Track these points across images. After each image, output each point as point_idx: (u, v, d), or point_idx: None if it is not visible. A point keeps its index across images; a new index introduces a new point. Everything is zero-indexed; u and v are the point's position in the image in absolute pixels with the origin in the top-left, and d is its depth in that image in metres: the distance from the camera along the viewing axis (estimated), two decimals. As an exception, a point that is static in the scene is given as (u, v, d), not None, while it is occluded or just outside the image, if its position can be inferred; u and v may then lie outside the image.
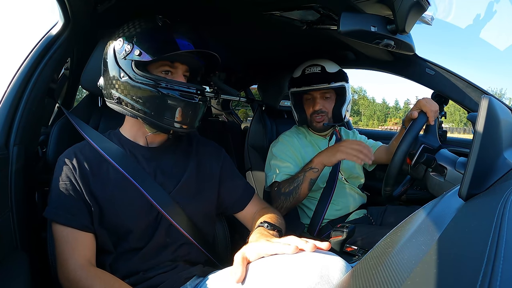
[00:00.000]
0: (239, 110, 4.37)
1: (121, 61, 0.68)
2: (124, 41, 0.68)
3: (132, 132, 0.75)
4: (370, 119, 75.18)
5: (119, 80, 0.68)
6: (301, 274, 0.45)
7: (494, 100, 0.48)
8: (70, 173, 0.67)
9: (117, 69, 0.68)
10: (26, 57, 0.78)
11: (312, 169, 1.04)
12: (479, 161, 0.42)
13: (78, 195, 0.66)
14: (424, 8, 0.72)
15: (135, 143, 0.75)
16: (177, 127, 0.69)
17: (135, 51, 0.66)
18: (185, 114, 0.68)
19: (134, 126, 0.74)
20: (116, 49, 0.69)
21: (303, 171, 1.05)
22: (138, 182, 0.68)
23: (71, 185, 0.66)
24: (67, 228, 0.64)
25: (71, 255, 0.62)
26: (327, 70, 1.15)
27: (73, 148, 0.71)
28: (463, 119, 62.34)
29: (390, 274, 0.27)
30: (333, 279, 0.45)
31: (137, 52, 0.66)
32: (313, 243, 0.50)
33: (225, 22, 1.00)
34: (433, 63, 1.17)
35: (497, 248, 0.25)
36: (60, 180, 0.66)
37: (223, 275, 0.60)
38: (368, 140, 1.34)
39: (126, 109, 0.70)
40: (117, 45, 0.69)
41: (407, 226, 0.40)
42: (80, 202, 0.66)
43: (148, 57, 0.66)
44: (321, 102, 1.16)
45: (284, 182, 1.07)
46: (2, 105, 0.73)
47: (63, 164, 0.68)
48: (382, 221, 1.16)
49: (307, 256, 0.48)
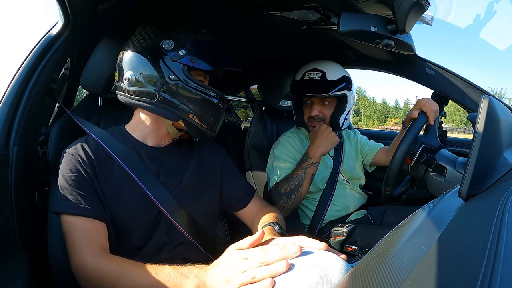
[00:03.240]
0: (239, 110, 4.37)
1: (169, 63, 0.69)
2: (175, 44, 0.69)
3: (143, 132, 0.75)
4: (370, 119, 75.20)
5: (167, 81, 0.69)
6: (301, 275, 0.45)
7: (494, 100, 0.48)
8: (79, 165, 0.66)
9: (165, 69, 0.69)
10: (26, 57, 0.78)
11: (314, 164, 1.05)
12: (479, 161, 0.42)
13: (89, 185, 0.65)
14: (424, 8, 0.72)
15: (142, 142, 0.75)
16: (209, 132, 0.74)
17: (190, 57, 0.69)
18: (217, 120, 0.75)
19: (151, 127, 0.74)
20: (165, 49, 0.69)
21: (303, 168, 1.05)
22: (141, 180, 0.69)
23: (81, 176, 0.65)
24: (81, 218, 0.62)
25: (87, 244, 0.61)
26: (327, 77, 1.11)
27: (77, 141, 0.71)
28: (463, 119, 62.38)
29: (390, 274, 0.27)
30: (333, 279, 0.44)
31: (193, 59, 0.69)
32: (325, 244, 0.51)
33: (225, 22, 1.00)
34: (433, 63, 1.17)
35: (497, 248, 0.25)
36: (69, 172, 0.65)
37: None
38: (369, 141, 1.33)
39: (165, 109, 0.70)
40: (166, 46, 0.69)
41: (407, 226, 0.40)
42: (91, 191, 0.65)
43: (204, 66, 0.71)
44: (319, 108, 1.14)
45: (283, 182, 1.06)
46: (2, 105, 0.73)
47: (70, 157, 0.67)
48: (382, 221, 1.16)
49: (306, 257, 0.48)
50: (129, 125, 0.77)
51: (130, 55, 0.71)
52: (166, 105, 0.69)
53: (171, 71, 0.69)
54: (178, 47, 0.69)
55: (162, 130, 0.75)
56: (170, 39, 0.70)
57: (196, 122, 0.71)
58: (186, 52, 0.69)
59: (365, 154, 1.29)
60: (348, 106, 1.16)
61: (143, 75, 0.70)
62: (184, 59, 0.69)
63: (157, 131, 0.75)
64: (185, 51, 0.69)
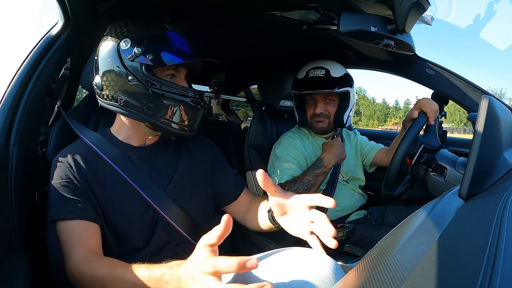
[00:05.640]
0: (239, 110, 4.37)
1: (128, 63, 0.66)
2: (131, 42, 0.66)
3: (126, 134, 0.75)
4: (370, 119, 75.20)
5: (127, 83, 0.66)
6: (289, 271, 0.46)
7: (494, 100, 0.48)
8: (68, 171, 0.66)
9: (123, 71, 0.66)
10: (26, 57, 0.78)
11: (325, 172, 1.06)
12: (479, 161, 0.42)
13: (79, 190, 0.65)
14: (424, 8, 0.72)
15: (127, 144, 0.74)
16: (182, 132, 0.71)
17: (147, 55, 0.65)
18: (191, 119, 0.71)
19: (131, 128, 0.74)
20: (122, 50, 0.66)
21: (314, 175, 1.04)
22: (135, 183, 0.68)
23: (71, 182, 0.65)
24: (72, 221, 0.62)
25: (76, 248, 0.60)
26: (331, 74, 1.13)
27: (66, 148, 0.71)
28: (463, 119, 62.38)
29: (390, 274, 0.27)
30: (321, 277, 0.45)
31: (149, 57, 0.65)
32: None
33: (225, 22, 1.00)
34: (433, 63, 1.16)
35: (497, 248, 0.25)
36: (59, 179, 0.65)
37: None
38: (369, 142, 1.33)
39: (131, 112, 0.68)
40: (123, 46, 0.66)
41: (407, 226, 0.40)
42: (82, 196, 0.64)
43: (163, 62, 0.66)
44: (323, 105, 1.16)
45: (290, 184, 1.05)
46: (2, 105, 0.73)
47: (59, 164, 0.67)
48: (382, 221, 1.16)
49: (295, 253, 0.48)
50: (113, 127, 0.77)
51: (96, 59, 0.71)
52: (130, 108, 0.67)
53: (130, 72, 0.66)
54: (134, 45, 0.66)
55: (140, 130, 0.74)
56: (128, 37, 0.66)
57: (163, 123, 0.68)
58: (143, 49, 0.65)
59: (365, 155, 1.29)
60: (351, 104, 1.17)
61: (106, 78, 0.68)
62: (141, 57, 0.65)
63: (137, 132, 0.74)
64: (141, 49, 0.65)
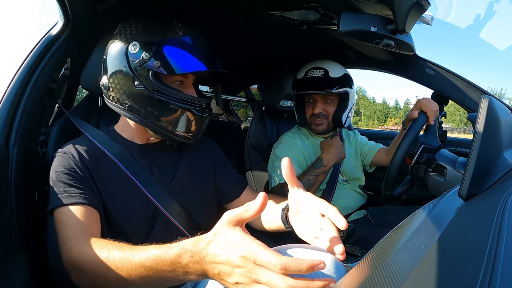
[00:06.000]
0: (239, 110, 4.37)
1: (135, 68, 0.65)
2: (140, 47, 0.65)
3: (131, 133, 0.75)
4: (370, 119, 75.20)
5: (133, 87, 0.66)
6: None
7: (494, 100, 0.48)
8: (71, 161, 0.65)
9: (130, 75, 0.66)
10: (26, 57, 0.78)
11: (325, 172, 1.06)
12: (479, 161, 0.42)
13: (81, 178, 0.64)
14: (424, 8, 0.72)
15: (131, 141, 0.75)
16: (186, 140, 0.71)
17: (155, 62, 0.64)
18: (195, 128, 0.71)
19: (135, 129, 0.74)
20: (130, 54, 0.65)
21: (314, 174, 1.05)
22: (137, 179, 0.69)
23: (73, 171, 0.64)
24: (73, 206, 0.59)
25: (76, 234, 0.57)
26: (330, 74, 1.13)
27: (69, 142, 0.70)
28: (463, 119, 62.38)
29: (390, 274, 0.27)
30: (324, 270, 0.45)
31: (157, 64, 0.64)
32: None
33: (225, 22, 1.00)
34: (433, 63, 1.16)
35: (497, 248, 0.25)
36: (62, 167, 0.63)
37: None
38: (369, 142, 1.33)
39: (135, 116, 0.68)
40: (132, 50, 0.65)
41: (407, 226, 0.40)
42: (84, 184, 0.63)
43: (171, 71, 0.65)
44: (322, 106, 1.16)
45: None
46: (2, 105, 0.73)
47: (62, 155, 0.66)
48: (382, 221, 1.16)
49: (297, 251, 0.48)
50: (117, 125, 0.77)
51: (105, 58, 0.70)
52: (134, 112, 0.67)
53: (136, 77, 0.65)
54: (142, 50, 0.64)
55: (144, 132, 0.74)
56: (137, 41, 0.65)
57: (166, 131, 0.68)
58: (151, 55, 0.64)
59: (365, 155, 1.29)
60: (350, 104, 1.17)
61: (113, 80, 0.68)
62: (149, 63, 0.64)
63: (141, 132, 0.74)
64: (149, 54, 0.64)
